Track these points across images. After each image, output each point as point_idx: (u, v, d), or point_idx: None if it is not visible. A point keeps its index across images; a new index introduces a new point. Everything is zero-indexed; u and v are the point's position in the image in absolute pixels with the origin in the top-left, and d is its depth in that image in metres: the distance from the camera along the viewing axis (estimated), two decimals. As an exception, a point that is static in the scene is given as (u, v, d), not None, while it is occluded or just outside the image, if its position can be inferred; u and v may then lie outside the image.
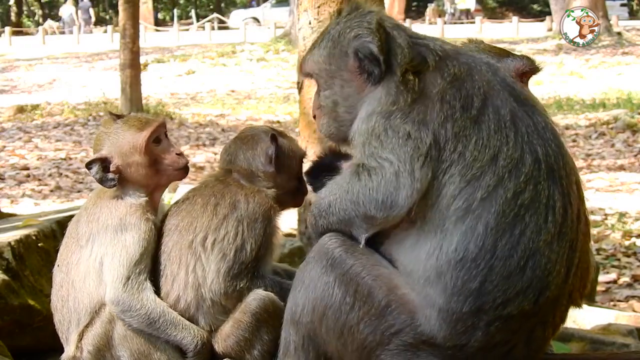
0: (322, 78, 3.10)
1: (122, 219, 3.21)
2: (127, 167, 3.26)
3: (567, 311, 2.89)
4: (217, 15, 49.78)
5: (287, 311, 3.00)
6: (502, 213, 2.67)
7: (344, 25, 3.05)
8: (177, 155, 3.33)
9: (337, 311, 2.83)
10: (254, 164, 3.33)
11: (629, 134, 16.32)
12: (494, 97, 2.79)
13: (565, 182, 2.77)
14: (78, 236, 3.27)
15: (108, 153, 3.27)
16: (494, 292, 2.66)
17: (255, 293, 3.15)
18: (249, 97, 24.10)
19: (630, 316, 6.44)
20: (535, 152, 2.74)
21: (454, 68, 2.84)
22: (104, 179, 3.24)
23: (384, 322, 2.76)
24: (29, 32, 49.84)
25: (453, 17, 49.76)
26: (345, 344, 2.85)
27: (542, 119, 2.83)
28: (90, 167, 3.26)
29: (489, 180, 2.68)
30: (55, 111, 20.79)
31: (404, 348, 2.75)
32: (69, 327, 3.25)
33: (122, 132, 3.29)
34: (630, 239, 9.70)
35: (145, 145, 3.26)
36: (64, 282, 3.27)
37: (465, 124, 2.73)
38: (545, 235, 2.70)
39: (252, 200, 3.23)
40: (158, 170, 3.30)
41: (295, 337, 2.96)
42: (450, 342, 2.70)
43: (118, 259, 3.15)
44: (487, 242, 2.66)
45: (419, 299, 2.73)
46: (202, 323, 3.17)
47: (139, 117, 3.37)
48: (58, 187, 12.90)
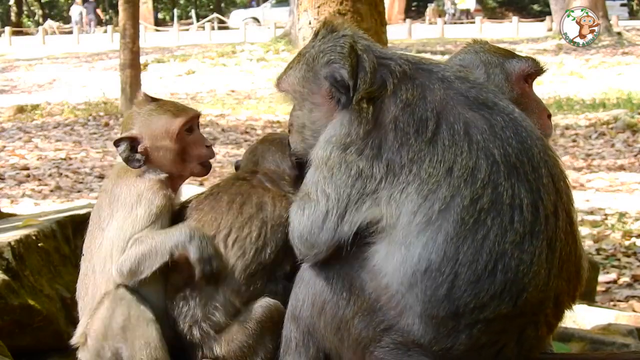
0: (295, 99, 3.17)
1: (139, 194, 3.18)
2: (156, 150, 3.24)
3: (561, 311, 2.87)
4: (217, 15, 49.82)
5: (289, 308, 3.05)
6: (461, 221, 2.68)
7: (318, 48, 3.08)
8: (207, 148, 3.32)
9: (334, 306, 2.88)
10: (281, 166, 3.37)
11: (629, 134, 16.32)
12: (447, 113, 2.81)
13: (532, 177, 2.75)
14: (100, 220, 3.23)
15: (138, 133, 3.25)
16: (464, 297, 2.67)
17: (262, 300, 3.15)
18: (249, 97, 24.10)
19: (630, 316, 6.44)
20: (492, 155, 2.74)
21: (407, 92, 2.87)
22: (131, 158, 3.22)
23: (375, 317, 2.81)
24: (29, 32, 49.88)
25: (453, 17, 49.80)
26: (341, 339, 2.90)
27: (503, 118, 2.82)
28: (119, 145, 3.23)
29: (445, 191, 2.71)
30: (55, 111, 20.80)
31: (395, 346, 2.79)
32: (84, 316, 3.24)
33: (156, 115, 3.27)
34: (630, 239, 9.70)
35: (178, 131, 3.24)
36: (88, 271, 3.24)
37: (420, 148, 2.77)
38: (513, 236, 2.68)
39: (278, 204, 3.23)
40: (184, 159, 3.28)
41: (296, 333, 3.02)
42: (436, 346, 2.74)
43: (123, 231, 3.13)
44: (448, 251, 2.68)
45: (402, 303, 2.76)
46: (213, 319, 3.16)
47: (175, 103, 3.36)
48: (58, 187, 12.90)
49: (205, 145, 3.32)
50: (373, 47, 3.06)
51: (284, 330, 3.06)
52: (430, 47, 32.10)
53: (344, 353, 2.93)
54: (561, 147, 15.70)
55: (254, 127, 18.49)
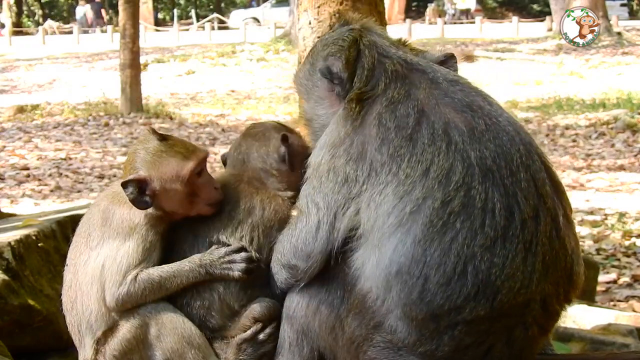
0: (302, 93, 3.21)
1: (133, 228, 3.15)
2: (164, 192, 3.16)
3: (551, 313, 2.83)
4: (217, 15, 49.80)
5: (284, 309, 3.06)
6: (429, 223, 2.68)
7: (324, 42, 3.11)
8: (215, 190, 3.23)
9: (329, 305, 2.90)
10: (268, 162, 3.30)
11: (629, 134, 16.31)
12: (429, 112, 2.81)
13: (509, 181, 2.72)
14: (89, 238, 3.20)
15: (148, 175, 3.15)
16: (437, 299, 2.67)
17: (260, 299, 3.14)
18: (249, 97, 24.11)
19: (630, 316, 6.43)
20: (469, 157, 2.73)
21: (394, 91, 2.89)
22: (139, 200, 3.13)
23: (366, 314, 2.81)
24: (29, 32, 49.88)
25: (453, 17, 49.78)
26: (336, 338, 2.91)
27: (485, 121, 2.81)
28: (127, 187, 3.13)
29: (418, 193, 2.71)
30: (55, 111, 20.80)
31: (386, 345, 2.80)
32: (80, 330, 3.19)
33: (166, 157, 3.18)
34: (630, 239, 9.70)
35: (190, 175, 3.16)
36: (72, 283, 3.21)
37: (400, 144, 2.78)
38: (483, 239, 2.66)
39: (267, 206, 3.19)
40: (193, 202, 3.20)
41: (290, 333, 3.03)
42: (422, 347, 2.74)
43: (117, 262, 3.11)
44: (416, 253, 2.68)
45: (385, 305, 2.77)
46: (213, 323, 3.16)
47: (185, 144, 3.25)
48: (58, 187, 12.90)
49: (214, 187, 3.24)
50: (379, 43, 3.06)
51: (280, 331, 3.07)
52: (430, 47, 32.03)
53: (338, 352, 2.93)
54: (561, 147, 15.71)
55: (254, 127, 18.48)
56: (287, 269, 2.98)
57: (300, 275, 2.95)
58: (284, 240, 3.00)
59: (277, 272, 3.04)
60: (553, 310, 2.83)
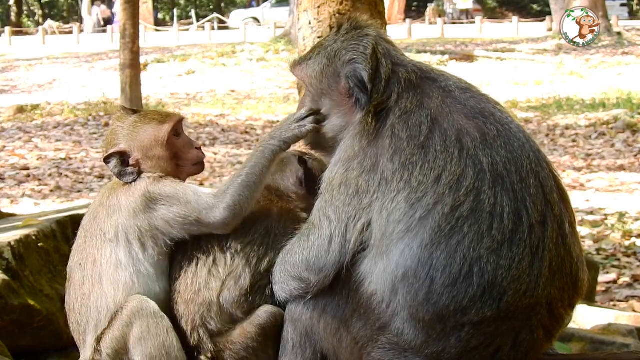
0: (311, 91, 3.18)
1: (144, 193, 3.15)
2: (147, 160, 3.23)
3: (556, 318, 2.85)
4: (217, 15, 49.80)
5: (287, 312, 3.05)
6: (437, 228, 2.72)
7: (341, 44, 3.09)
8: (196, 150, 3.32)
9: (335, 306, 2.91)
10: (282, 185, 3.35)
11: (629, 134, 16.31)
12: (442, 120, 2.85)
13: (519, 186, 2.76)
14: (103, 232, 3.19)
15: (127, 147, 3.24)
16: (443, 300, 2.70)
17: (266, 307, 3.13)
18: (249, 97, 24.09)
19: (630, 316, 6.44)
20: (480, 163, 2.77)
21: (407, 101, 2.92)
22: (123, 173, 3.21)
23: (371, 314, 2.83)
24: (29, 32, 49.87)
25: (453, 17, 49.79)
26: (340, 340, 2.92)
27: (497, 127, 2.85)
28: (109, 162, 3.22)
29: (430, 199, 2.75)
30: (55, 111, 20.79)
31: (391, 347, 2.81)
32: (87, 329, 3.18)
33: (141, 126, 3.27)
34: (630, 239, 9.69)
35: (167, 137, 3.25)
36: (87, 279, 3.18)
37: (412, 152, 2.81)
38: (490, 242, 2.70)
39: (285, 215, 3.23)
40: (178, 164, 3.28)
41: (293, 335, 3.03)
42: (429, 349, 2.76)
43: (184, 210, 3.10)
44: (422, 256, 2.72)
45: (391, 308, 2.79)
46: (212, 325, 3.16)
47: (158, 111, 3.37)
48: (58, 187, 12.89)
49: (195, 147, 3.33)
50: (392, 51, 3.08)
51: (282, 333, 3.07)
52: (430, 47, 32.07)
53: (341, 353, 2.94)
54: (561, 147, 15.71)
55: (254, 127, 18.50)
56: (298, 281, 2.97)
57: (311, 289, 2.95)
58: (295, 252, 2.98)
59: (284, 282, 3.02)
60: (558, 315, 2.85)
